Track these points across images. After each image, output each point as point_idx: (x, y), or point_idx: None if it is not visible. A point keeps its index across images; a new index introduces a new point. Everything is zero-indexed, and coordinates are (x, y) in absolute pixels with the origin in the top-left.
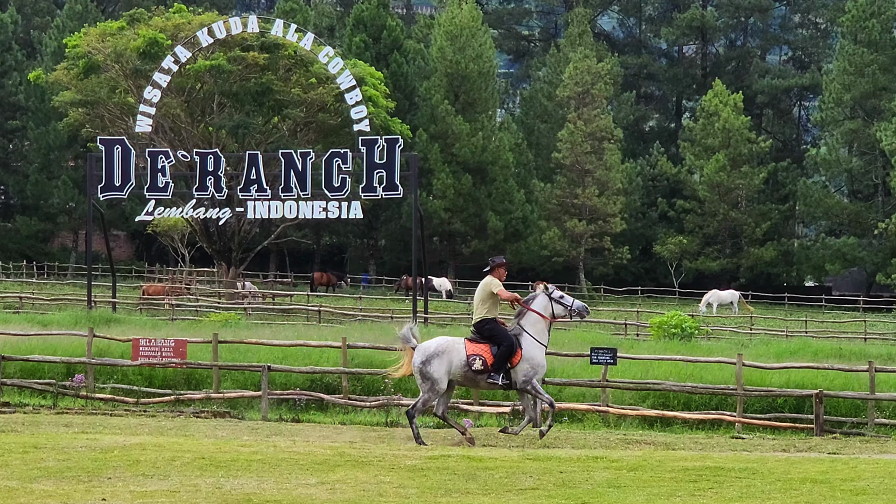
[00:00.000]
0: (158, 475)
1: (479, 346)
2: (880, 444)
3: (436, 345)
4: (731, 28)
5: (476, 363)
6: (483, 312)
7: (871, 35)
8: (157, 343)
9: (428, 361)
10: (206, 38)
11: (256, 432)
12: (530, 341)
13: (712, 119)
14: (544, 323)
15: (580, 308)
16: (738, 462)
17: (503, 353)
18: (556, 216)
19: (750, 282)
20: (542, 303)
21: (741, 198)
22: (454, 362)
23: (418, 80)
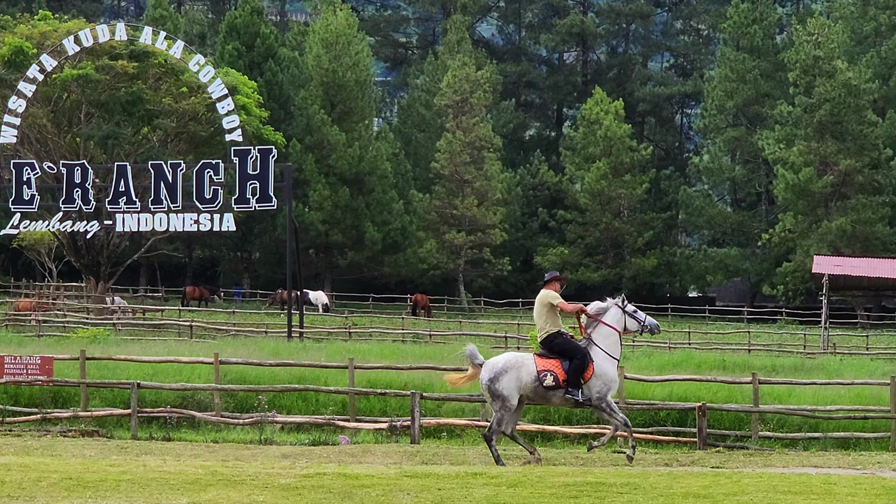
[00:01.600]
0: (24, 497)
1: (549, 362)
2: (764, 458)
3: (503, 361)
4: (612, 35)
5: (547, 379)
6: (547, 328)
7: (752, 41)
8: (23, 360)
9: (496, 379)
10: (72, 47)
11: (126, 451)
12: (602, 355)
13: (593, 127)
14: (616, 336)
15: (652, 325)
16: (620, 477)
17: (576, 368)
18: (435, 227)
19: (632, 292)
20: (616, 316)
21: (623, 207)
22: (523, 378)
23: (293, 88)
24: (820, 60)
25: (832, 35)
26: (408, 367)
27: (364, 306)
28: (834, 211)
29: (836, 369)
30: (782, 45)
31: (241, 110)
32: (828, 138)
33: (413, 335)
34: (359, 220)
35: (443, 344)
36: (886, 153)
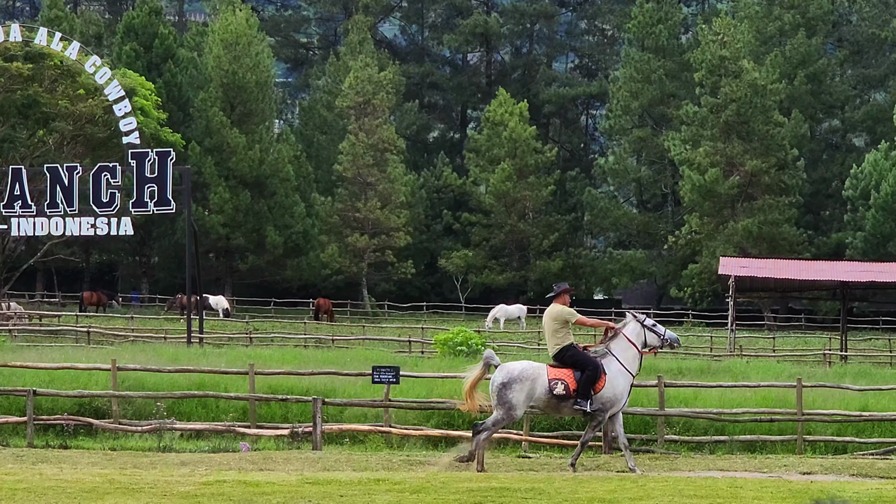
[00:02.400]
0: None
1: (561, 371)
2: (670, 461)
3: (520, 368)
4: (516, 35)
5: (558, 388)
6: (559, 342)
7: (657, 41)
8: None
9: (509, 385)
10: None
11: (22, 460)
12: (617, 368)
13: (498, 129)
14: (636, 351)
15: (672, 339)
16: (525, 482)
17: (588, 378)
18: (338, 230)
19: (538, 295)
20: (634, 330)
21: (528, 209)
22: (537, 390)
23: (192, 90)
24: (726, 60)
25: (738, 35)
26: (309, 373)
27: (266, 311)
28: (740, 212)
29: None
30: (687, 46)
31: (138, 112)
32: (734, 139)
33: (315, 340)
34: (260, 224)
35: (346, 349)
36: (793, 154)
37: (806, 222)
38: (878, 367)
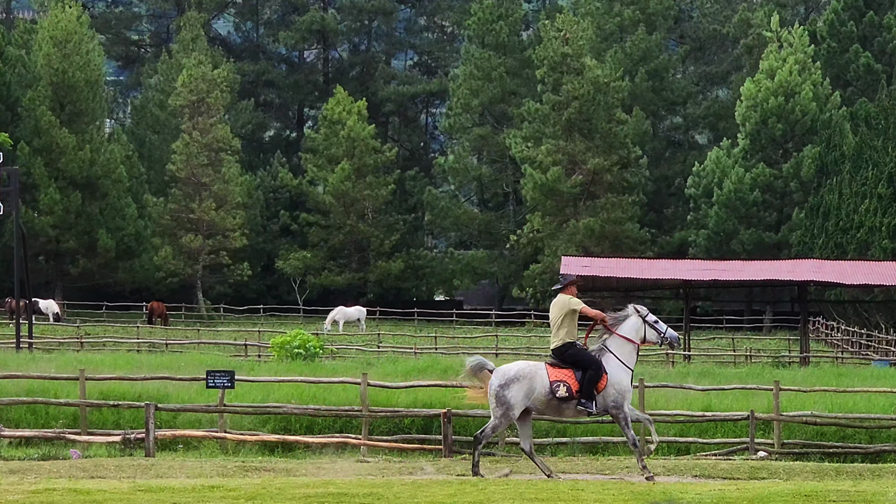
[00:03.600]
0: None
1: (562, 372)
2: (511, 464)
3: (517, 369)
4: (353, 32)
5: (560, 390)
6: (562, 336)
7: (498, 38)
8: None
9: (507, 385)
10: None
11: None
12: (616, 364)
13: (336, 128)
14: (633, 346)
15: (672, 338)
16: (363, 487)
17: (591, 379)
18: (172, 232)
19: (378, 297)
20: (634, 325)
21: (368, 209)
22: (536, 389)
23: (21, 89)
24: (568, 57)
25: (581, 32)
26: (142, 378)
27: (97, 315)
28: (583, 211)
29: None
30: (529, 43)
31: None
32: (576, 137)
33: (149, 344)
34: (91, 226)
35: (180, 353)
36: (635, 152)
37: (649, 221)
38: (722, 366)
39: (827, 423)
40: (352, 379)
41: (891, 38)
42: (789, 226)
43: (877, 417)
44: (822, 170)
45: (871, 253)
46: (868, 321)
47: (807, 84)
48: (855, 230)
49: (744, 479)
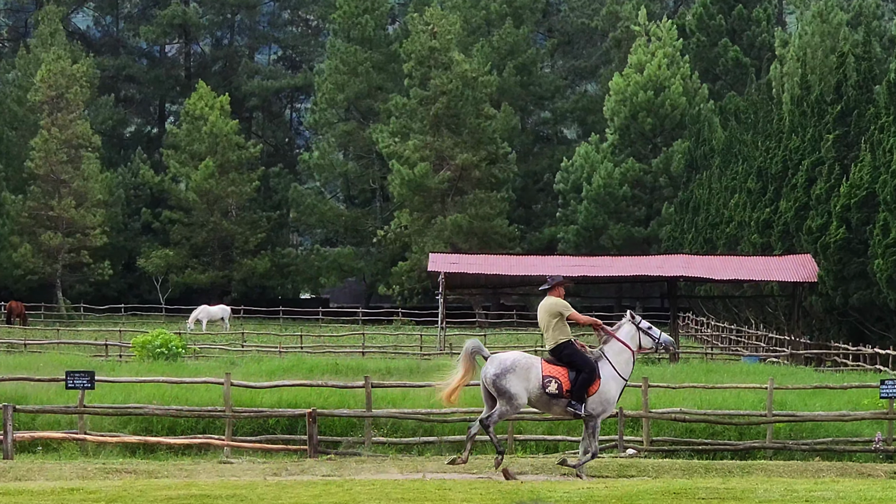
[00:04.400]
0: None
1: (555, 369)
2: (377, 464)
3: (512, 359)
4: (216, 26)
5: (551, 386)
6: (556, 336)
7: (364, 32)
8: None
9: (503, 375)
10: None
11: None
12: (610, 372)
13: (198, 123)
14: (629, 354)
15: (667, 342)
16: (226, 489)
17: (583, 381)
18: (30, 230)
19: (242, 295)
20: (629, 332)
21: (231, 206)
22: (531, 381)
23: None
24: (436, 52)
25: (448, 26)
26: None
27: None
28: (451, 207)
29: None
30: (395, 37)
31: None
32: (444, 132)
33: (7, 345)
34: None
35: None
36: (504, 147)
37: (518, 216)
38: None
39: (696, 420)
40: (215, 379)
41: (759, 32)
42: (659, 221)
43: (746, 414)
44: (691, 164)
45: (740, 248)
46: (738, 317)
47: (676, 78)
48: (724, 225)
49: (612, 476)
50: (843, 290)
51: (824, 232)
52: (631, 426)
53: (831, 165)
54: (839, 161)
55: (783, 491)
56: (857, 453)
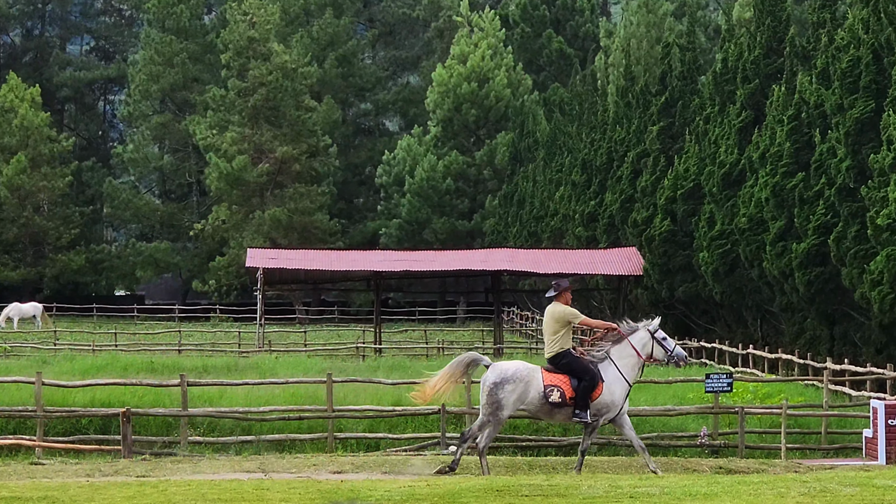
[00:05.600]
0: None
1: (557, 377)
2: (193, 464)
3: (514, 368)
4: (26, 16)
5: (553, 395)
6: (557, 346)
7: (179, 22)
8: None
9: (501, 385)
10: None
11: None
12: (614, 375)
13: (8, 116)
14: (637, 360)
15: (680, 356)
16: (38, 490)
17: (585, 388)
18: None
19: (55, 292)
20: (642, 339)
21: (44, 201)
22: (530, 392)
23: None
24: (254, 42)
25: (268, 16)
26: None
27: None
28: (270, 201)
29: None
30: (212, 27)
31: None
32: (263, 124)
33: None
34: None
35: None
36: (325, 140)
37: (339, 210)
38: (414, 359)
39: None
40: (26, 378)
41: (583, 23)
42: (482, 214)
43: None
44: (515, 157)
45: (565, 241)
46: None
47: (500, 70)
48: (549, 218)
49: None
50: (669, 283)
51: (649, 224)
52: (454, 423)
53: (656, 157)
54: (664, 153)
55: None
56: (683, 448)
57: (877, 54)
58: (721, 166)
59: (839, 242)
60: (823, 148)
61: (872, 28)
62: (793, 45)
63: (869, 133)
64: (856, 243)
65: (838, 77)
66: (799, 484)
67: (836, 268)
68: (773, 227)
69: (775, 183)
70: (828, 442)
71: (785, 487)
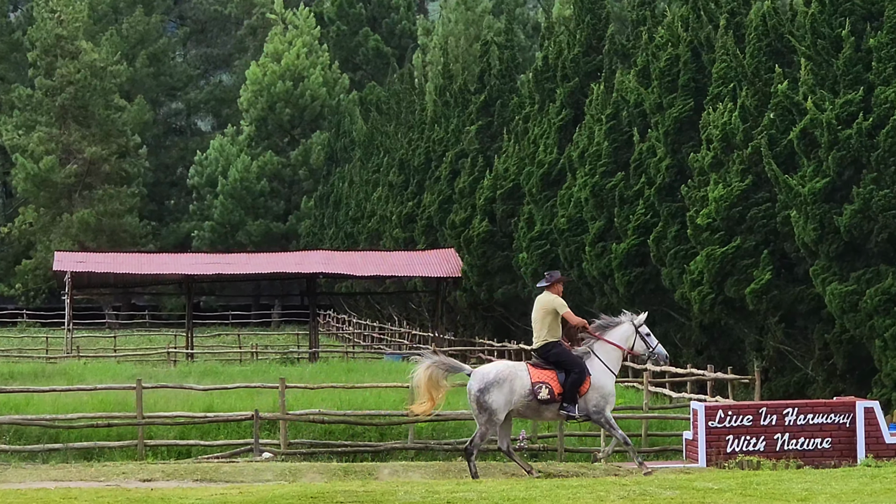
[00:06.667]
0: None
1: (544, 373)
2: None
3: (496, 371)
4: None
5: (542, 392)
6: (545, 335)
7: None
8: None
9: (486, 390)
10: None
11: None
12: (600, 367)
13: None
14: (619, 352)
15: (660, 355)
16: None
17: (574, 382)
18: None
19: None
20: (625, 333)
21: None
22: (516, 391)
23: None
24: (62, 40)
25: (76, 13)
26: None
27: None
28: (78, 203)
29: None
30: (17, 24)
31: None
32: (71, 124)
33: None
34: None
35: None
36: (135, 140)
37: (150, 212)
38: (227, 364)
39: (335, 422)
40: None
41: (399, 19)
42: (298, 216)
43: (387, 414)
44: (331, 157)
45: (382, 243)
46: (381, 314)
47: (315, 68)
48: (366, 219)
49: (248, 481)
50: (488, 285)
51: (468, 225)
52: (268, 429)
53: (475, 157)
54: (483, 152)
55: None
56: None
57: (696, 52)
58: (540, 166)
59: (659, 242)
60: (643, 147)
61: (692, 26)
62: (612, 43)
63: (688, 132)
64: (676, 243)
65: (657, 75)
66: (619, 487)
67: (656, 268)
68: (593, 227)
69: (595, 183)
70: (648, 444)
71: (604, 491)
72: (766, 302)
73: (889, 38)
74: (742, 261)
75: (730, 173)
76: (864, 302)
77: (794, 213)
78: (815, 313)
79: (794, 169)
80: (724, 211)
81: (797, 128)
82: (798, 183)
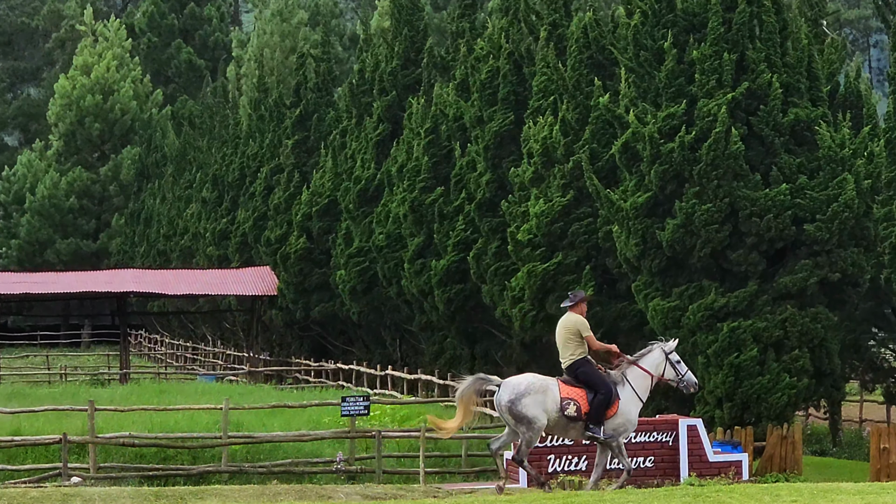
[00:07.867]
0: None
1: (573, 390)
2: None
3: (527, 383)
4: None
5: (570, 408)
6: (571, 353)
7: None
8: None
9: (518, 400)
10: None
11: None
12: (630, 394)
13: None
14: (650, 380)
15: (690, 382)
16: None
17: (601, 402)
18: None
19: None
20: (655, 360)
21: None
22: (548, 404)
23: None
24: None
25: None
26: None
27: None
28: None
29: None
30: None
31: None
32: None
33: None
34: None
35: None
36: None
37: None
38: (35, 386)
39: (146, 444)
40: None
41: (212, 31)
42: (109, 233)
43: (200, 436)
44: (143, 172)
45: (195, 261)
46: (194, 333)
47: (126, 81)
48: (179, 237)
49: None
50: (305, 303)
51: (284, 242)
52: (77, 453)
53: (291, 172)
54: (299, 168)
55: None
56: (318, 475)
57: (517, 64)
58: (357, 182)
59: (479, 259)
60: (463, 162)
61: (513, 37)
62: (431, 56)
63: (509, 146)
64: (496, 259)
65: (477, 88)
66: None
67: (476, 285)
68: (412, 243)
69: (413, 198)
70: (468, 465)
71: None
72: (589, 318)
73: (712, 51)
74: (564, 277)
75: (551, 188)
76: (686, 318)
77: (616, 229)
78: (637, 329)
79: (615, 183)
80: (546, 226)
81: (619, 141)
82: (620, 197)
